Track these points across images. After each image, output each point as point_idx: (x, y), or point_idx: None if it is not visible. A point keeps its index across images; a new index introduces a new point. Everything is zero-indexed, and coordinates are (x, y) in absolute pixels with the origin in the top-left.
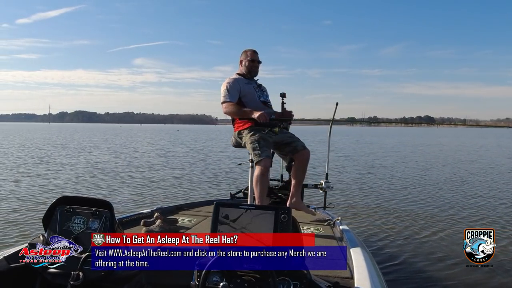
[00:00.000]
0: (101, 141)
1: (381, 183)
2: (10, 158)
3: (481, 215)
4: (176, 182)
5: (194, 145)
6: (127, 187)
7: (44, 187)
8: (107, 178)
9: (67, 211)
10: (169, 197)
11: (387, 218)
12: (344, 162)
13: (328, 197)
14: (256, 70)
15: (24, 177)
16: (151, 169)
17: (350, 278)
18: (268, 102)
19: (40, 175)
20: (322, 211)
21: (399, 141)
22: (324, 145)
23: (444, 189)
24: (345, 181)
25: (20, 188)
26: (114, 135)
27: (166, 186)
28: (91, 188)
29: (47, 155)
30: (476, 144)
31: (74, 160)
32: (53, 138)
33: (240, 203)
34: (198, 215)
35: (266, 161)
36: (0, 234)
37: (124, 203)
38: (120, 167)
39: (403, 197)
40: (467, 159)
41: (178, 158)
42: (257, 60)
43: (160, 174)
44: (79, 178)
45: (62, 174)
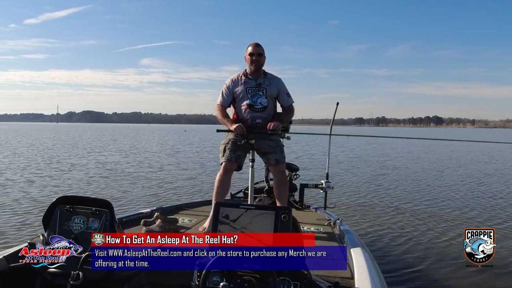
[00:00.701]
0: (109, 141)
1: (382, 183)
2: (20, 158)
3: (481, 215)
4: (176, 182)
5: (198, 145)
6: (127, 187)
7: (56, 187)
8: (108, 178)
9: (67, 210)
10: (169, 197)
11: (387, 218)
12: (357, 163)
13: (329, 197)
14: (258, 63)
15: (36, 177)
16: (152, 169)
17: (350, 278)
18: (256, 104)
19: (51, 176)
20: (322, 211)
21: (409, 142)
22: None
23: (444, 189)
24: (346, 181)
25: (32, 188)
26: (121, 135)
27: (166, 186)
28: (91, 188)
29: (57, 155)
30: (487, 146)
31: (83, 160)
32: (62, 138)
33: (241, 203)
34: (198, 215)
35: (226, 164)
36: (14, 235)
37: (124, 203)
38: (123, 166)
39: (403, 197)
40: (480, 160)
41: (179, 159)
42: (256, 52)
43: (160, 174)
44: (80, 178)
45: (63, 174)
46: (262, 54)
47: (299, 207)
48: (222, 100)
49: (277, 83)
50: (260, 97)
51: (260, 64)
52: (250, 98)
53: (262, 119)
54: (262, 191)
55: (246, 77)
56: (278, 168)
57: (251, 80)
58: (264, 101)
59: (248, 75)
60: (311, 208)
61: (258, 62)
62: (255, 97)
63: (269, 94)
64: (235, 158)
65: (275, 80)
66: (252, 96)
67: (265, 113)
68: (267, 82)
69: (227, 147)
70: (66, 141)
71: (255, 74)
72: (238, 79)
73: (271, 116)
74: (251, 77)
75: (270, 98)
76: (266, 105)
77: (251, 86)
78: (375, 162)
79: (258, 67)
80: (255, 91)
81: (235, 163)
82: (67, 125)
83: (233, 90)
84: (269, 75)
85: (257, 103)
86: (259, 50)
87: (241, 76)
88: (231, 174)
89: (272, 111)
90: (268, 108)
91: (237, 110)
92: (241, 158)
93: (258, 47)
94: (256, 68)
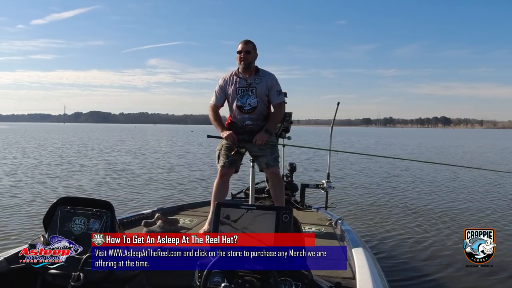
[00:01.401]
0: (117, 142)
1: (383, 183)
2: (29, 159)
3: (482, 215)
4: (177, 182)
5: (203, 145)
6: (127, 187)
7: (65, 188)
8: (117, 178)
9: (68, 211)
10: (170, 198)
11: (388, 218)
12: (368, 164)
13: (332, 197)
14: (246, 61)
15: (47, 178)
16: (152, 169)
17: (352, 278)
18: (245, 106)
19: (61, 176)
20: (323, 211)
21: (420, 143)
22: (336, 146)
23: (446, 190)
24: (348, 181)
25: (42, 188)
26: (128, 136)
27: (167, 186)
28: (92, 188)
29: (66, 155)
30: (498, 146)
31: (92, 161)
32: (70, 138)
33: (241, 203)
34: (199, 216)
35: (222, 170)
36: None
37: (124, 204)
38: (132, 167)
39: (405, 198)
40: (494, 161)
41: (180, 159)
42: (244, 50)
43: (161, 174)
44: (81, 178)
45: (72, 175)
46: (251, 52)
47: (300, 207)
48: (215, 100)
49: (267, 80)
50: (249, 97)
51: (248, 62)
52: (239, 99)
53: (251, 121)
54: (263, 191)
55: (237, 77)
56: (270, 170)
57: (242, 79)
58: (253, 102)
59: (239, 74)
60: (312, 208)
61: (246, 59)
62: (244, 98)
63: (259, 93)
64: (229, 163)
65: (265, 77)
66: (242, 97)
67: (254, 114)
68: (257, 80)
69: (221, 153)
70: (75, 141)
71: (246, 72)
72: (230, 78)
73: (263, 117)
74: (242, 76)
75: (260, 98)
76: (255, 106)
77: (242, 86)
78: (380, 163)
79: (247, 65)
80: (244, 91)
81: (230, 168)
82: (74, 126)
83: (225, 89)
84: (261, 72)
85: (246, 104)
86: (247, 47)
87: (233, 76)
88: (229, 178)
89: (263, 112)
90: (258, 109)
91: (230, 112)
92: (236, 162)
93: (247, 44)
94: (245, 66)
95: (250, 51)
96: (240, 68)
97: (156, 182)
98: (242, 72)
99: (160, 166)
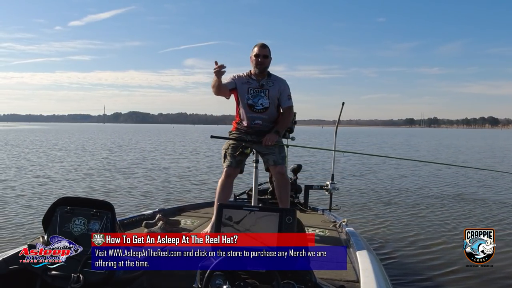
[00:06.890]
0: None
1: (388, 185)
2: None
3: (482, 215)
4: (177, 182)
5: (209, 146)
6: (128, 188)
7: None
8: (111, 178)
9: (67, 212)
10: (171, 198)
11: (392, 220)
12: (375, 165)
13: (336, 199)
14: (263, 65)
15: (64, 180)
16: (153, 169)
17: (356, 281)
18: (256, 105)
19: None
20: (327, 213)
21: (439, 143)
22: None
23: (448, 190)
24: (353, 183)
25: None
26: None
27: (167, 186)
28: (92, 188)
29: (102, 157)
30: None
31: (92, 162)
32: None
33: (244, 204)
34: (200, 217)
35: (227, 170)
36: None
37: (125, 204)
38: (128, 167)
39: (409, 199)
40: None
41: (180, 159)
42: (262, 54)
43: (161, 175)
44: (81, 178)
45: (63, 174)
46: (268, 56)
47: (303, 209)
48: (227, 83)
49: (279, 84)
50: (262, 98)
51: (265, 66)
52: (251, 98)
53: (262, 120)
54: (266, 192)
55: (249, 78)
56: (277, 169)
57: (254, 80)
58: (266, 102)
59: (252, 76)
60: (317, 210)
61: (263, 64)
62: (256, 98)
63: (272, 95)
64: (235, 163)
65: (278, 81)
66: (254, 97)
67: (266, 114)
68: (270, 83)
69: (227, 152)
70: (115, 142)
71: (259, 75)
72: (242, 77)
73: (274, 118)
74: (254, 78)
75: (272, 100)
76: (267, 106)
77: (254, 86)
78: (384, 164)
79: (263, 69)
80: (257, 92)
81: (237, 168)
82: (113, 126)
83: (237, 82)
84: (273, 77)
85: (258, 104)
86: (265, 51)
87: (246, 76)
88: (233, 179)
89: (274, 113)
90: (270, 110)
91: (239, 110)
92: (242, 162)
93: (264, 48)
94: (261, 70)
95: (267, 56)
96: (254, 71)
97: (158, 182)
98: (254, 75)
99: (159, 167)
